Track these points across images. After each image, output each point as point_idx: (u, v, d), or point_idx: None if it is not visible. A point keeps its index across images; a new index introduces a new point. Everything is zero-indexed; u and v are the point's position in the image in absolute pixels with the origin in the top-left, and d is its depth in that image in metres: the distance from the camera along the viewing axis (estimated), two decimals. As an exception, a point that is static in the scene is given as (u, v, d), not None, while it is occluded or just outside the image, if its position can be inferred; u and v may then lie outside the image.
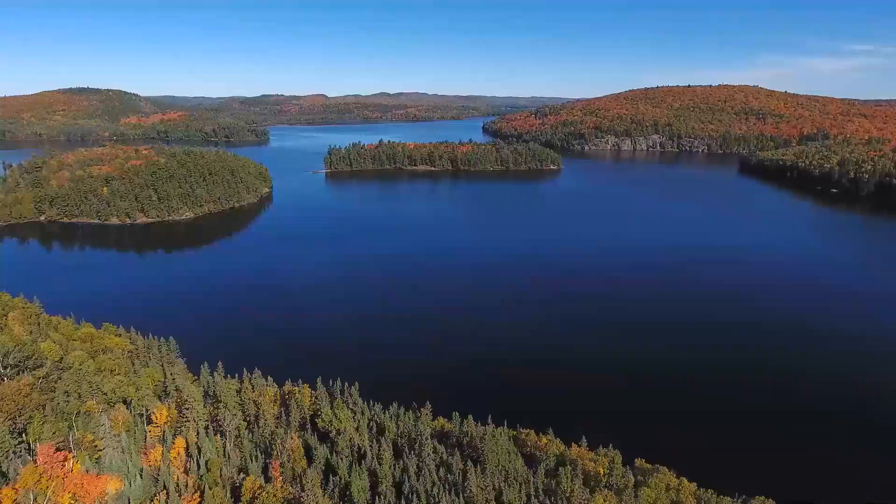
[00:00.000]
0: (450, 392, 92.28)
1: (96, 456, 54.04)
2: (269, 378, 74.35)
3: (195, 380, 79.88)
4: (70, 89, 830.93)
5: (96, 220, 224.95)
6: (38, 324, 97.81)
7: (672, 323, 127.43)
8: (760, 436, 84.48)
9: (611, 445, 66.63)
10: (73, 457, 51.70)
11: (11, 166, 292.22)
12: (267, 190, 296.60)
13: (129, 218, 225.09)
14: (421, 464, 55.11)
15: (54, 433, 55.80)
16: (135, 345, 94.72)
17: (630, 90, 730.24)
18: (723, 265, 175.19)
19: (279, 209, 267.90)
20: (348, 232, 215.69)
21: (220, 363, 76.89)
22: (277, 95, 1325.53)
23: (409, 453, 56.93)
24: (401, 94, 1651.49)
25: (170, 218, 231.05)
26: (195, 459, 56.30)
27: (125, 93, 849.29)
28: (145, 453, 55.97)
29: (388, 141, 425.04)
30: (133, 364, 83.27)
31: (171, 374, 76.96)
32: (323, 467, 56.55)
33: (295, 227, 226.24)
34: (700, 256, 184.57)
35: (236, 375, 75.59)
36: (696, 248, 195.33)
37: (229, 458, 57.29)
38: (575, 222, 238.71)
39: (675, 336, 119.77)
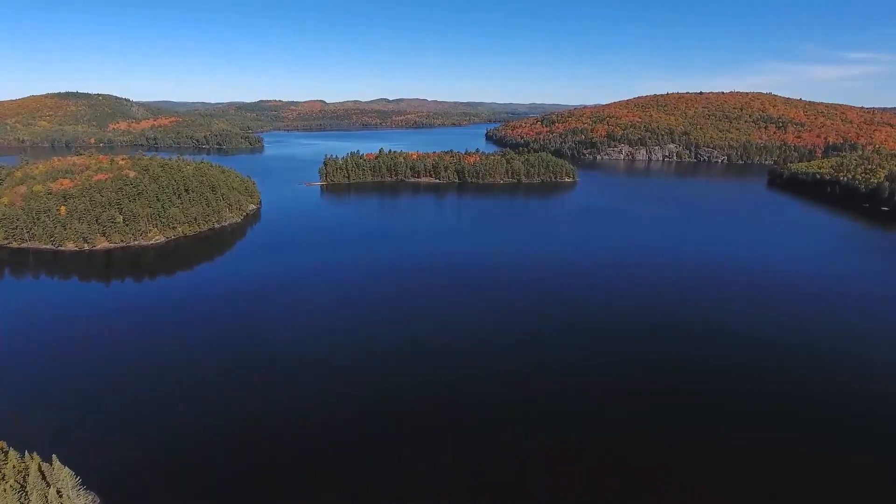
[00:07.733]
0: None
1: None
2: None
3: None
4: (58, 94, 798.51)
5: (49, 246, 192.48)
6: None
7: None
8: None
9: None
10: None
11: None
12: (254, 207, 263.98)
13: (87, 243, 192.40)
14: None
15: None
16: (11, 482, 62.14)
17: (639, 96, 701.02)
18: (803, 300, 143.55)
19: (266, 230, 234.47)
20: (352, 274, 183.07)
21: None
22: (275, 101, 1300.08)
23: None
24: (400, 100, 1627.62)
25: (136, 243, 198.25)
26: None
27: (115, 97, 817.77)
28: None
29: (389, 150, 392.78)
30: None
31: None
32: None
33: (280, 256, 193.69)
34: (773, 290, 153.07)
35: None
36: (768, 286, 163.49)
37: None
38: (616, 254, 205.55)
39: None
